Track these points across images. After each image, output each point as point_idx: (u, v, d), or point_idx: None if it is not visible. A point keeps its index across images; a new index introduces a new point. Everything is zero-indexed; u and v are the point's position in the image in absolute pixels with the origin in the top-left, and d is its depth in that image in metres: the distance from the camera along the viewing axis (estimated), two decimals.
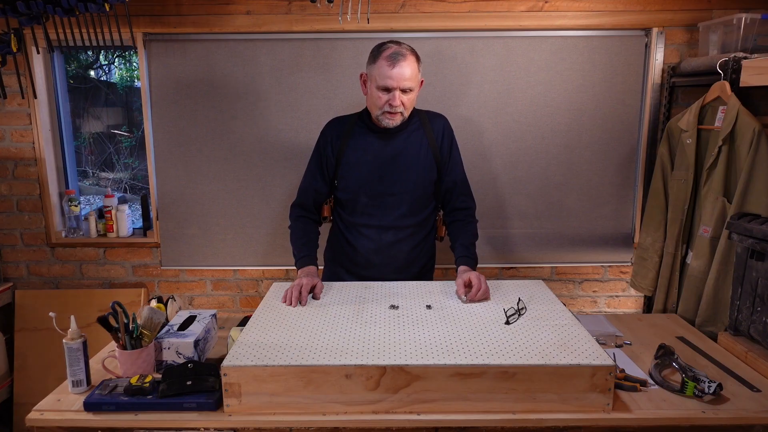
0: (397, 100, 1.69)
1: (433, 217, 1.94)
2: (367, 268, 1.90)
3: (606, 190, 2.53)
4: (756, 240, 1.56)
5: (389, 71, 1.66)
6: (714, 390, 1.27)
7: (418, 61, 1.72)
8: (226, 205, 2.56)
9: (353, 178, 1.83)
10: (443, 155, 1.85)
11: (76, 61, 3.18)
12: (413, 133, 1.83)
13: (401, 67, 1.66)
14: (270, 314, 1.52)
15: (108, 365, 1.41)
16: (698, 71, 2.16)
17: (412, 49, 1.72)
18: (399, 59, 1.66)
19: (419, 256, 1.92)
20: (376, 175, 1.81)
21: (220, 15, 2.38)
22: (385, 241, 1.86)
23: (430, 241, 1.96)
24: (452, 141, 1.88)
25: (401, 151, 1.81)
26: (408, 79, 1.68)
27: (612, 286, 2.66)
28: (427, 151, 1.83)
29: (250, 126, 2.49)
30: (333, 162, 1.85)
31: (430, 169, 1.84)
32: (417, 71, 1.71)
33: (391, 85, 1.67)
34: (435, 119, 1.87)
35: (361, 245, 1.87)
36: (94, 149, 3.27)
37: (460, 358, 1.24)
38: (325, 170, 1.86)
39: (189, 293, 2.70)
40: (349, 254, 1.91)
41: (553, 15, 2.36)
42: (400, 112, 1.72)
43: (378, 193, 1.82)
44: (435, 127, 1.85)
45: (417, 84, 1.74)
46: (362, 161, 1.82)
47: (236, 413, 1.24)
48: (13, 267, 2.67)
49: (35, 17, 1.87)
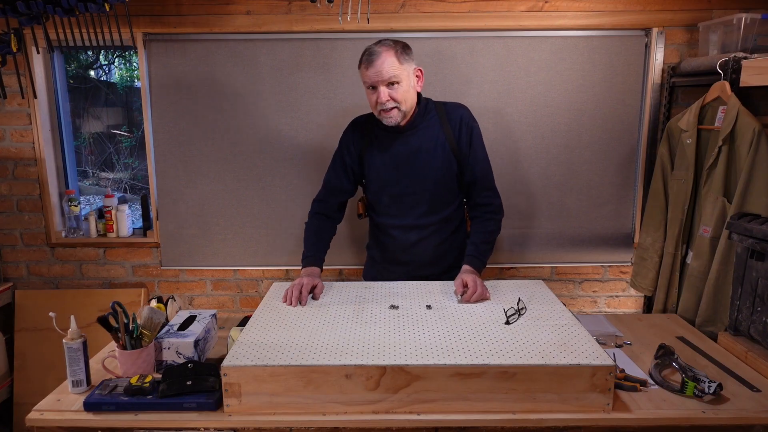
0: (382, 96, 1.69)
1: (460, 212, 1.92)
2: (395, 266, 1.93)
3: (606, 190, 2.53)
4: (756, 240, 1.56)
5: (366, 72, 1.69)
6: (714, 390, 1.27)
7: (398, 53, 1.69)
8: (226, 205, 2.56)
9: (374, 179, 1.86)
10: (462, 148, 1.80)
11: (76, 61, 3.19)
12: (429, 129, 1.81)
13: (376, 63, 1.67)
14: (270, 314, 1.52)
15: (108, 365, 1.41)
16: (698, 71, 2.16)
17: (391, 43, 1.70)
18: (373, 57, 1.68)
19: (448, 251, 1.91)
20: (394, 176, 1.82)
21: (220, 15, 2.38)
22: (410, 241, 1.87)
23: (460, 236, 1.93)
24: (472, 131, 1.81)
25: (417, 150, 1.80)
26: (386, 72, 1.67)
27: (612, 286, 2.66)
28: (444, 146, 1.80)
29: (250, 126, 2.49)
30: (358, 161, 1.87)
31: (449, 165, 1.80)
32: (398, 62, 1.68)
33: (372, 83, 1.70)
34: (453, 111, 1.82)
35: (390, 244, 1.91)
36: (94, 149, 3.27)
37: (460, 358, 1.24)
38: (349, 169, 1.88)
39: (189, 293, 2.70)
40: (381, 254, 1.97)
41: (553, 15, 2.36)
42: (393, 107, 1.71)
43: (397, 193, 1.83)
44: (452, 118, 1.80)
45: (404, 74, 1.70)
46: (381, 162, 1.83)
47: (236, 413, 1.24)
48: (13, 267, 2.67)
49: (35, 17, 1.87)
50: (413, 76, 1.75)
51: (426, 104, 1.83)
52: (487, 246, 1.82)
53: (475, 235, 1.84)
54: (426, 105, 1.83)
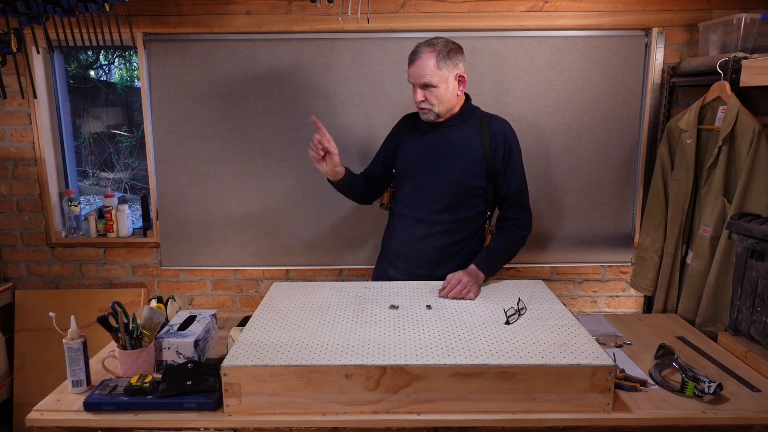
0: (417, 96, 1.76)
1: (477, 222, 1.87)
2: (398, 260, 1.93)
3: (606, 190, 2.53)
4: (756, 240, 1.56)
5: (408, 70, 1.78)
6: (714, 390, 1.27)
7: (440, 57, 1.71)
8: (226, 205, 2.56)
9: (403, 164, 1.90)
10: (496, 161, 1.80)
11: (76, 61, 3.19)
12: (467, 131, 1.83)
13: (415, 64, 1.74)
14: (270, 314, 1.52)
15: (108, 365, 1.41)
16: (698, 71, 2.16)
17: (433, 44, 1.73)
18: (414, 57, 1.75)
19: (453, 256, 1.85)
20: (421, 164, 1.85)
21: (220, 15, 2.38)
22: (417, 234, 1.86)
23: (470, 246, 1.87)
24: (512, 149, 1.82)
25: (449, 145, 1.82)
26: (423, 75, 1.72)
27: (612, 286, 2.66)
28: (476, 151, 1.80)
29: (250, 126, 2.49)
30: (393, 149, 1.95)
31: (476, 170, 1.80)
32: (435, 66, 1.71)
33: (410, 82, 1.78)
34: (495, 122, 1.84)
35: (397, 235, 1.92)
36: (94, 149, 3.27)
37: (460, 358, 1.24)
38: (388, 154, 1.97)
39: (189, 293, 2.70)
40: (389, 245, 1.98)
41: (553, 15, 2.36)
42: (428, 108, 1.77)
43: (418, 184, 1.86)
44: (493, 130, 1.82)
45: (441, 79, 1.73)
46: (413, 148, 1.89)
47: (236, 413, 1.24)
48: (13, 267, 2.67)
49: (35, 17, 1.87)
50: (454, 81, 1.76)
51: (472, 109, 1.86)
52: (503, 254, 1.82)
53: (494, 241, 1.85)
54: (471, 110, 1.86)
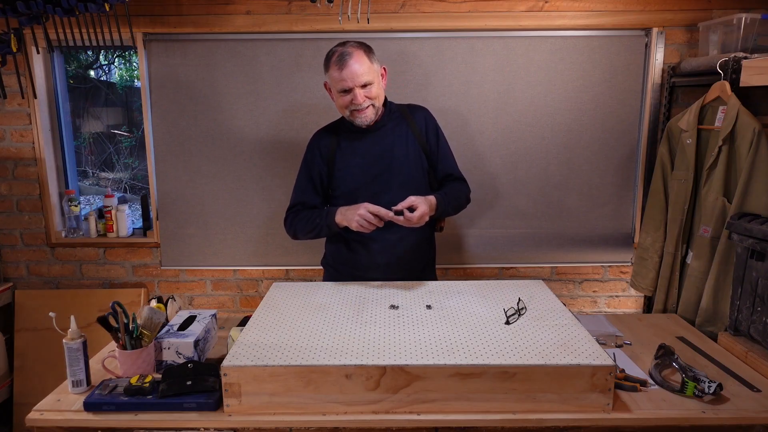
0: (358, 97, 1.70)
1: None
2: (371, 270, 1.86)
3: (606, 190, 2.53)
4: (756, 240, 1.56)
5: (340, 74, 1.69)
6: (714, 390, 1.27)
7: (367, 53, 1.72)
8: (226, 205, 2.56)
9: (348, 181, 1.83)
10: (431, 146, 1.87)
11: (76, 61, 3.19)
12: (396, 127, 1.84)
13: (350, 66, 1.67)
14: (270, 314, 1.52)
15: (108, 365, 1.41)
16: (698, 71, 2.16)
17: (359, 44, 1.72)
18: (346, 59, 1.68)
19: (424, 250, 1.94)
20: (369, 176, 1.81)
21: (220, 15, 2.38)
22: (390, 240, 1.83)
23: (431, 232, 1.97)
24: (437, 130, 1.89)
25: (389, 148, 1.82)
26: (361, 74, 1.69)
27: (612, 286, 2.66)
28: (414, 144, 1.84)
29: (250, 126, 2.49)
30: (325, 170, 1.85)
31: (420, 161, 1.85)
32: (369, 63, 1.71)
33: (347, 86, 1.70)
34: (416, 111, 1.89)
35: (365, 247, 1.85)
36: (94, 149, 3.27)
37: (460, 358, 1.24)
38: (317, 181, 1.86)
39: (189, 293, 2.70)
40: (352, 259, 1.89)
41: (553, 15, 2.36)
42: (369, 105, 1.73)
43: (374, 192, 1.80)
44: (417, 118, 1.87)
45: (375, 75, 1.73)
46: (354, 164, 1.82)
47: (236, 413, 1.24)
48: (13, 267, 2.67)
49: (35, 17, 1.87)
50: (380, 76, 1.78)
51: (390, 105, 1.86)
52: (453, 193, 1.84)
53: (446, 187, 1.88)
54: (390, 105, 1.86)
